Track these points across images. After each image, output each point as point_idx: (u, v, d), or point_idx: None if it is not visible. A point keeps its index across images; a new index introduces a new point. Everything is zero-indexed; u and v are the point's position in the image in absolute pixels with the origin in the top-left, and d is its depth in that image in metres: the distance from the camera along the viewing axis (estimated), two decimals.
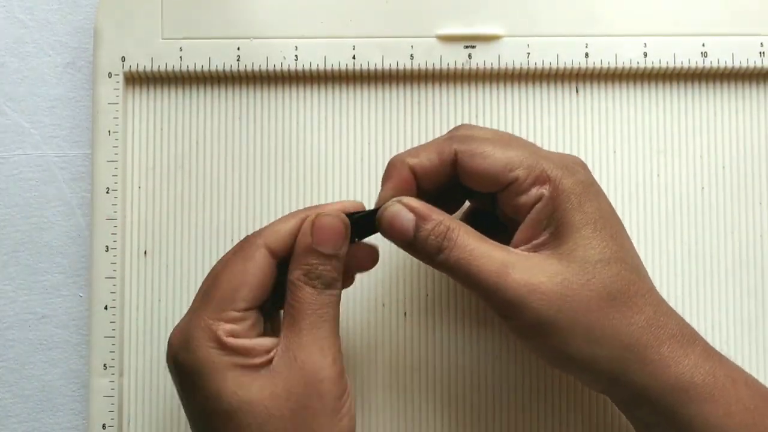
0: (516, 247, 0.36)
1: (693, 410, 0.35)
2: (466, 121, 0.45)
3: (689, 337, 0.36)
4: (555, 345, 0.35)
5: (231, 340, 0.34)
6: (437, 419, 0.44)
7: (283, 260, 0.36)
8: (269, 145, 0.45)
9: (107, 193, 0.44)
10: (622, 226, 0.38)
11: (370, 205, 0.38)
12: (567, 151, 0.45)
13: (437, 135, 0.45)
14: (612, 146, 0.45)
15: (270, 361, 0.34)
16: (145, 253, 0.45)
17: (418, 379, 0.44)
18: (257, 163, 0.45)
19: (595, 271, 0.35)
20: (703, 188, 0.45)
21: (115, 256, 0.44)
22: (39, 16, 0.47)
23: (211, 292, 0.35)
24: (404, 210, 0.36)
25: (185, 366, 0.35)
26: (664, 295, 0.44)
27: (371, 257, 0.39)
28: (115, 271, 0.44)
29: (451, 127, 0.45)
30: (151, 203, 0.45)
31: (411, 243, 0.36)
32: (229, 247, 0.44)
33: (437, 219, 0.36)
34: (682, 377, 0.35)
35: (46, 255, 0.46)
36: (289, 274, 0.36)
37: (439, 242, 0.35)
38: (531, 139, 0.45)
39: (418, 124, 0.45)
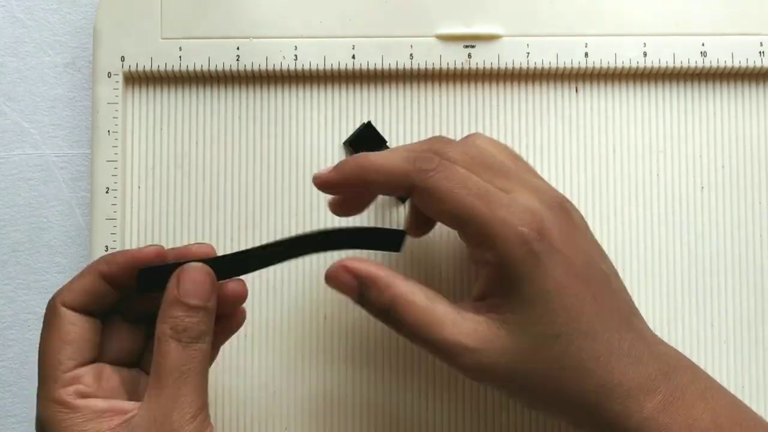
0: (474, 297, 0.36)
1: None
2: (465, 122, 0.45)
3: (648, 387, 0.35)
4: (514, 396, 0.37)
5: (79, 401, 0.34)
6: (437, 419, 0.44)
7: (91, 314, 0.36)
8: (269, 145, 0.45)
9: (107, 192, 0.44)
10: (593, 276, 0.36)
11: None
12: (567, 151, 0.45)
13: (437, 134, 0.45)
14: (612, 146, 0.45)
15: (125, 423, 0.33)
16: None
17: (418, 378, 0.44)
18: (257, 163, 0.45)
19: (545, 347, 0.34)
20: (702, 188, 0.45)
21: None
22: (38, 15, 0.47)
23: (40, 373, 0.35)
24: (348, 276, 0.36)
25: None
26: (664, 295, 0.45)
27: (238, 293, 0.37)
28: None
29: (450, 126, 0.45)
30: (151, 203, 0.45)
31: (359, 303, 0.37)
32: (228, 247, 0.45)
33: (381, 285, 0.36)
34: (645, 422, 0.34)
35: (46, 255, 0.46)
36: (157, 329, 0.34)
37: (385, 311, 0.36)
38: (531, 139, 0.45)
39: (418, 124, 0.45)
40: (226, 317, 0.38)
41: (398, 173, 0.36)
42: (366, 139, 0.44)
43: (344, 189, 0.38)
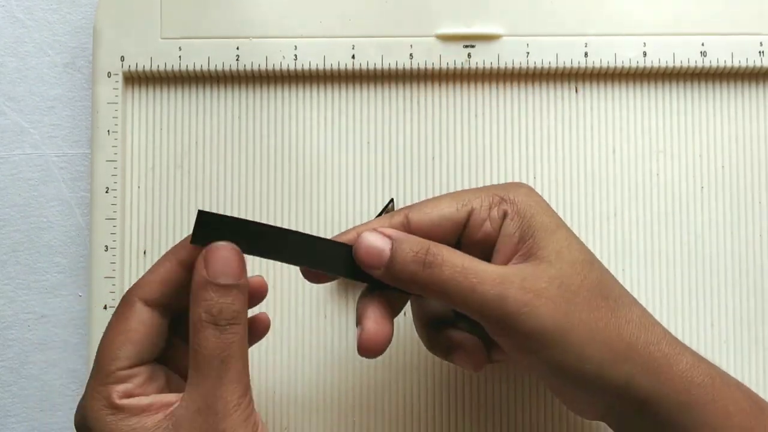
0: (497, 262, 0.36)
1: (695, 414, 0.34)
2: (465, 122, 0.45)
3: (677, 340, 0.36)
4: (562, 352, 0.33)
5: (126, 402, 0.33)
6: (437, 418, 0.44)
7: (167, 309, 0.35)
8: (268, 145, 0.45)
9: (106, 192, 0.44)
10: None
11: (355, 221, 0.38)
12: (567, 151, 0.45)
13: (436, 135, 0.45)
14: (611, 146, 0.45)
15: (169, 416, 0.33)
16: (145, 252, 0.45)
17: (417, 378, 0.44)
18: (256, 163, 0.45)
19: (585, 272, 0.35)
20: (702, 188, 0.45)
21: (114, 255, 0.44)
22: (38, 15, 0.47)
23: (97, 361, 0.34)
24: (379, 236, 0.35)
25: None
26: (664, 295, 0.45)
27: (258, 287, 0.37)
28: (114, 270, 0.44)
29: (450, 126, 0.45)
30: (151, 203, 0.45)
31: (389, 266, 0.34)
32: None
33: (416, 239, 0.35)
34: (684, 377, 0.34)
35: (46, 255, 0.46)
36: (190, 316, 0.33)
37: (422, 258, 0.34)
38: (530, 139, 0.45)
39: (418, 124, 0.45)
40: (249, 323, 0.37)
41: (389, 217, 0.36)
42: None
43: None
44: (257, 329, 0.38)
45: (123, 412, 0.33)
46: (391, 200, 0.44)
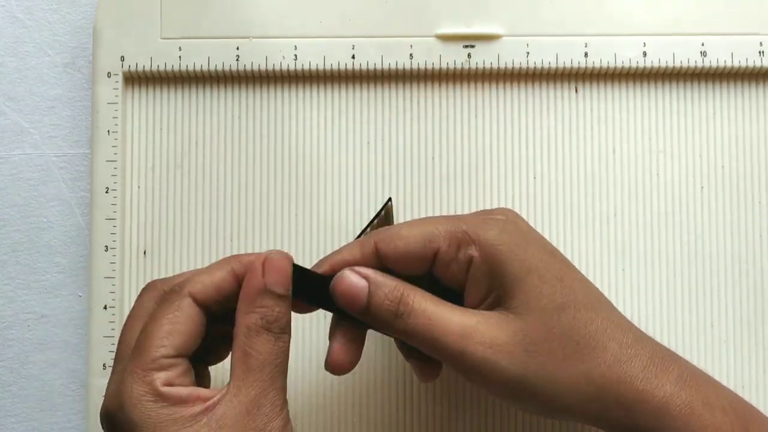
0: (467, 307, 0.36)
1: None
2: (464, 122, 0.45)
3: (661, 364, 0.35)
4: (528, 399, 0.35)
5: (167, 389, 0.33)
6: (437, 418, 0.44)
7: (207, 312, 0.35)
8: (268, 145, 0.45)
9: (106, 192, 0.44)
10: (564, 260, 0.37)
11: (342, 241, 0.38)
12: (566, 151, 0.45)
13: (436, 134, 0.45)
14: (611, 146, 0.45)
15: (208, 410, 0.33)
16: (145, 252, 0.45)
17: (417, 378, 0.44)
18: (256, 163, 0.45)
19: (552, 321, 0.34)
20: (702, 188, 0.45)
21: (114, 255, 0.44)
22: (38, 15, 0.47)
23: (141, 345, 0.34)
24: (356, 277, 0.35)
25: (122, 427, 0.33)
26: (664, 295, 0.45)
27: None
28: (114, 270, 0.44)
29: (450, 126, 0.45)
30: (151, 203, 0.45)
31: (366, 310, 0.35)
32: (228, 247, 0.45)
33: (391, 284, 0.35)
34: (658, 411, 0.34)
35: (46, 255, 0.46)
36: (242, 320, 0.34)
37: (395, 308, 0.35)
38: (530, 139, 0.45)
39: (417, 124, 0.45)
40: None
41: (360, 244, 0.37)
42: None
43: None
44: None
45: (164, 399, 0.33)
46: (389, 199, 0.44)
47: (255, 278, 0.34)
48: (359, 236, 0.40)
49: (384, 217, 0.43)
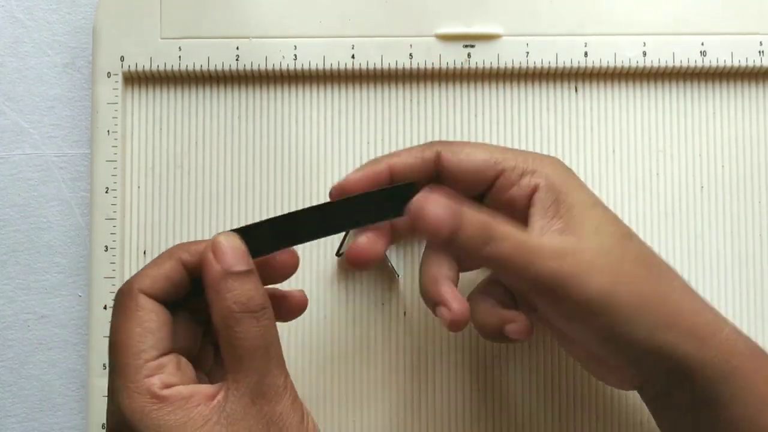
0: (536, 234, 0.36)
1: (739, 383, 0.34)
2: (464, 121, 0.45)
3: (716, 310, 0.36)
4: (611, 320, 0.34)
5: (167, 392, 0.32)
6: (437, 418, 0.44)
7: (166, 305, 0.34)
8: (268, 145, 0.45)
9: (106, 192, 0.44)
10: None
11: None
12: (566, 150, 0.45)
13: (436, 135, 0.45)
14: (611, 145, 0.45)
15: (216, 408, 0.32)
16: (145, 252, 0.45)
17: (417, 377, 0.44)
18: (256, 163, 0.45)
19: (626, 244, 0.36)
20: (702, 187, 0.45)
21: (114, 255, 0.44)
22: (38, 15, 0.47)
23: (119, 360, 0.33)
24: (443, 206, 0.33)
25: None
26: None
27: (290, 260, 0.36)
28: (114, 270, 0.44)
29: (450, 126, 0.45)
30: (150, 203, 0.45)
31: (450, 239, 0.34)
32: None
33: (477, 216, 0.34)
34: (728, 344, 0.34)
35: (45, 255, 0.46)
36: (216, 310, 0.33)
37: (486, 235, 0.34)
38: (530, 139, 0.45)
39: (417, 124, 0.45)
40: (280, 299, 0.37)
41: (421, 149, 0.37)
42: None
43: (371, 186, 0.37)
44: (294, 306, 0.38)
45: (168, 403, 0.32)
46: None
47: (211, 266, 0.33)
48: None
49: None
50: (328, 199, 0.45)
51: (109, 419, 0.33)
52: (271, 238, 0.35)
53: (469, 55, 0.45)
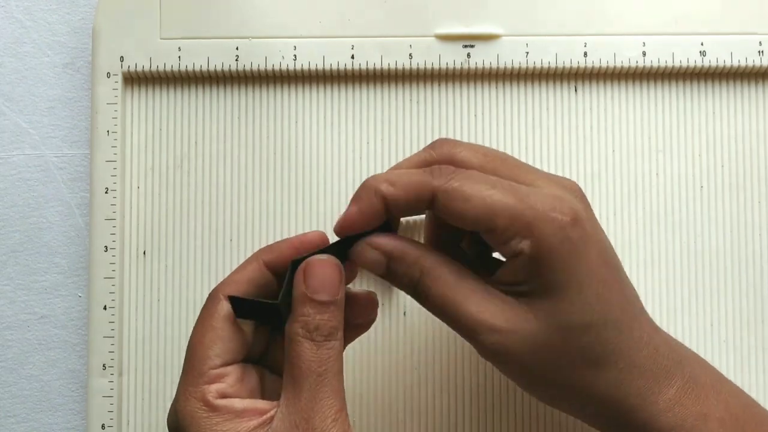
0: (498, 279, 0.35)
1: None
2: (464, 122, 0.45)
3: (665, 375, 0.35)
4: (526, 387, 0.36)
5: (221, 402, 0.32)
6: (436, 418, 0.44)
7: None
8: (268, 145, 0.45)
9: (106, 193, 0.44)
10: (617, 266, 0.36)
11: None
12: (566, 150, 0.45)
13: (436, 135, 0.45)
14: (611, 145, 0.45)
15: (265, 424, 0.32)
16: (144, 253, 0.45)
17: (417, 378, 0.44)
18: (256, 163, 0.45)
19: (572, 338, 0.34)
20: (702, 187, 0.45)
21: (114, 256, 0.44)
22: (37, 16, 0.47)
23: (187, 362, 0.34)
24: (376, 254, 0.35)
25: None
26: (663, 295, 0.45)
27: (370, 304, 0.37)
28: (114, 271, 0.44)
29: (450, 126, 0.45)
30: (150, 203, 0.45)
31: (387, 278, 0.35)
32: (227, 248, 0.45)
33: (409, 260, 0.34)
34: (648, 424, 0.34)
35: (45, 255, 0.46)
36: (287, 329, 0.33)
37: (413, 287, 0.34)
38: (530, 139, 0.45)
39: (417, 124, 0.45)
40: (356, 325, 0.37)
41: (418, 185, 0.34)
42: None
43: (368, 221, 0.35)
44: (362, 305, 0.37)
45: (218, 413, 0.32)
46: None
47: (297, 287, 0.34)
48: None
49: None
50: (327, 199, 0.45)
51: (169, 416, 0.34)
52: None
53: (468, 55, 0.45)
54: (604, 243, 0.35)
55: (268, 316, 0.35)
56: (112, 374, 0.44)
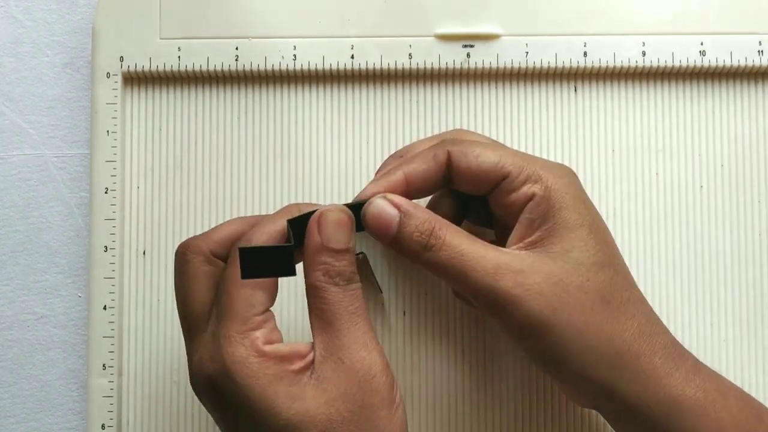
0: (508, 246, 0.36)
1: (685, 424, 0.34)
2: (464, 121, 0.45)
3: (679, 350, 0.36)
4: (547, 347, 0.34)
5: (269, 348, 0.33)
6: (436, 418, 0.44)
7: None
8: (268, 145, 0.45)
9: (106, 193, 0.44)
10: (611, 235, 0.38)
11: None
12: (566, 150, 0.45)
13: (436, 134, 0.45)
14: (610, 145, 0.45)
15: (307, 367, 0.33)
16: (144, 253, 0.45)
17: (417, 378, 0.44)
18: (256, 163, 0.45)
19: (589, 274, 0.35)
20: (701, 187, 0.45)
21: (113, 256, 0.44)
22: (37, 15, 0.47)
23: (228, 308, 0.34)
24: (388, 205, 0.36)
25: (228, 392, 0.33)
26: (663, 295, 0.45)
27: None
28: (113, 271, 0.44)
29: (449, 126, 0.45)
30: (150, 203, 0.45)
31: (395, 239, 0.35)
32: None
33: (423, 216, 0.35)
34: (674, 390, 0.34)
35: (45, 255, 0.46)
36: (308, 280, 0.34)
37: (425, 240, 0.35)
38: (530, 139, 0.45)
39: (417, 124, 0.45)
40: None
41: (432, 150, 0.37)
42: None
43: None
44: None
45: (267, 358, 0.33)
46: (360, 253, 0.44)
47: (312, 237, 0.35)
48: None
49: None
50: (326, 200, 0.45)
51: (206, 364, 0.34)
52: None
53: (468, 55, 0.45)
54: (599, 216, 0.38)
55: (275, 268, 0.34)
56: (112, 374, 0.44)
